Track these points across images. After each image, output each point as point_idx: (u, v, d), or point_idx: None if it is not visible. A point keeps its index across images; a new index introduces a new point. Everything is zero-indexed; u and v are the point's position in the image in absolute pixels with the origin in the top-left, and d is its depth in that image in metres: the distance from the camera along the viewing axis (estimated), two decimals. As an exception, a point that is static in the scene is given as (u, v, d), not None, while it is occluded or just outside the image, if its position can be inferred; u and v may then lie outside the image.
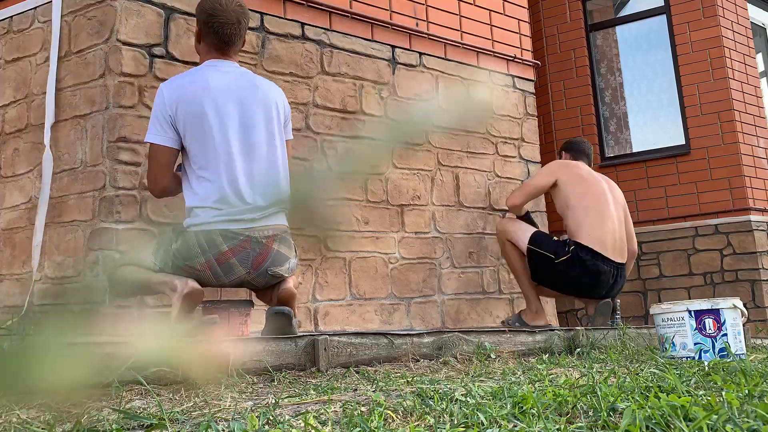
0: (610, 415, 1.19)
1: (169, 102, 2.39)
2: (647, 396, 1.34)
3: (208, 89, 2.42)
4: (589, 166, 3.96)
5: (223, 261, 2.39)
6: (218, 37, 2.48)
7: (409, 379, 1.87)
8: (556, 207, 3.81)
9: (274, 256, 2.48)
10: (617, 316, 3.83)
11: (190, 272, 2.40)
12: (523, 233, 3.69)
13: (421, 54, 4.05)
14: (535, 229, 3.71)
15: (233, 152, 2.42)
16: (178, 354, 1.35)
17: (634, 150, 6.08)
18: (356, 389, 1.72)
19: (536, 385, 1.63)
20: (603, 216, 3.63)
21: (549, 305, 4.45)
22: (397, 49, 3.94)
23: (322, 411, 1.32)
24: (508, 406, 1.28)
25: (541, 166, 4.75)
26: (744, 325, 2.74)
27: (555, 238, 3.68)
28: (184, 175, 2.47)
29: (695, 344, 2.60)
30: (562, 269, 3.56)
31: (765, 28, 6.69)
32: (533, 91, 4.65)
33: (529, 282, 3.73)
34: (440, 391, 1.55)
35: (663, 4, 6.01)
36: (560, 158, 4.00)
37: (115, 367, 1.61)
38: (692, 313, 2.63)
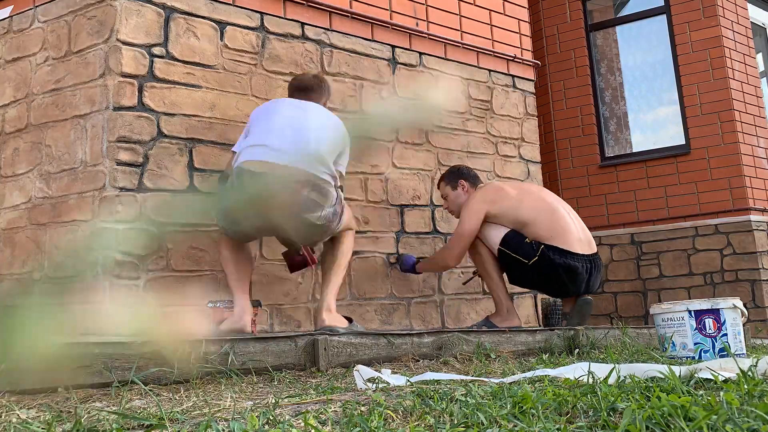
0: (610, 415, 1.19)
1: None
2: (647, 396, 1.34)
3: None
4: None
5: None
6: (292, 87, 3.02)
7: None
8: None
9: (302, 202, 2.59)
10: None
11: (231, 217, 2.65)
12: (496, 232, 3.52)
13: (421, 54, 4.04)
14: (508, 229, 3.51)
15: (280, 117, 2.76)
16: (147, 323, 1.31)
17: (634, 150, 6.08)
18: (356, 389, 1.72)
19: (536, 385, 1.63)
20: (554, 213, 3.50)
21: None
22: (397, 49, 3.94)
23: (322, 411, 1.32)
24: (508, 405, 1.28)
25: (542, 166, 4.76)
26: (744, 325, 2.74)
27: (527, 239, 3.47)
28: None
29: (695, 344, 2.60)
30: (535, 271, 3.42)
31: (765, 28, 6.69)
32: (533, 91, 4.65)
33: (499, 282, 3.57)
34: (440, 391, 1.55)
35: (663, 4, 6.00)
36: (461, 190, 3.67)
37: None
38: (692, 313, 2.63)
